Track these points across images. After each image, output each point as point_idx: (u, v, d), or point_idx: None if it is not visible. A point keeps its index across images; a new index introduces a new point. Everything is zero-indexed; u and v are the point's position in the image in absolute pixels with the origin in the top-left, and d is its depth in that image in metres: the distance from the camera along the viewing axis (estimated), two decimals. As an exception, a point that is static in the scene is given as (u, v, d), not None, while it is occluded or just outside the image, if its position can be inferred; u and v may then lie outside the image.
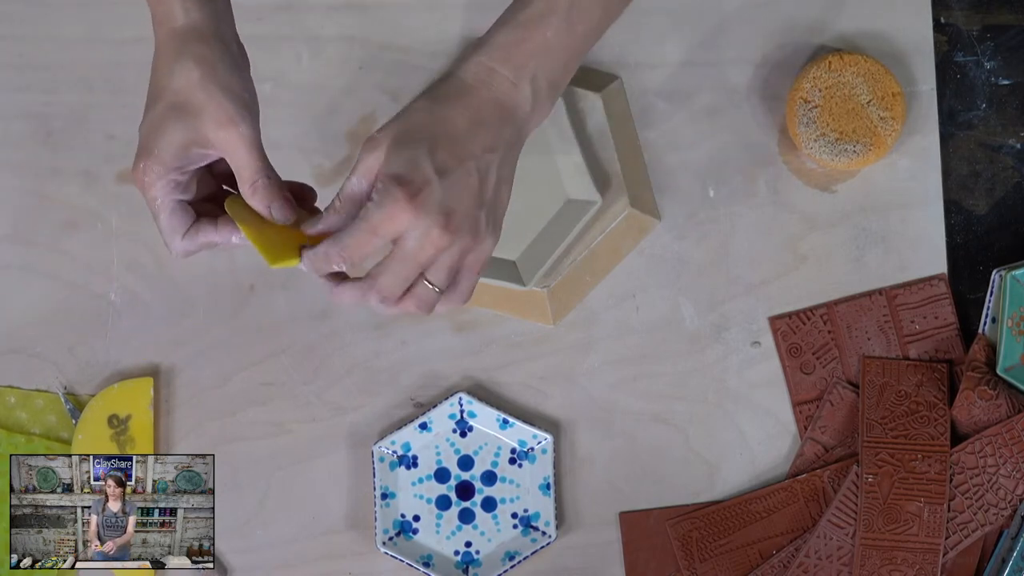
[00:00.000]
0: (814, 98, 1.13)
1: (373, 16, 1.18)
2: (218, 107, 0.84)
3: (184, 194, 0.88)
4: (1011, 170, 1.17)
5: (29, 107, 1.19)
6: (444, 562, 1.16)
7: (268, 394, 1.17)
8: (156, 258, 1.18)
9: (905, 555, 1.11)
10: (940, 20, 1.17)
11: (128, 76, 1.19)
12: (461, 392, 1.15)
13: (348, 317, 1.18)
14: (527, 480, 1.16)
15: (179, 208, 0.88)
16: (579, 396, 1.17)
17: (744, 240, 1.17)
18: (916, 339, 1.16)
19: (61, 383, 1.18)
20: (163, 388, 1.18)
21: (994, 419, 1.12)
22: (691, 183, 1.17)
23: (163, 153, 0.85)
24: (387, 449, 1.16)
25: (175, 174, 0.86)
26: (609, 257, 1.16)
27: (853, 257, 1.16)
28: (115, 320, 1.18)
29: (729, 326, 1.16)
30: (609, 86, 1.16)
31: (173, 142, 0.85)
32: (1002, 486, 1.12)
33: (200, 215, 0.89)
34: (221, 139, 0.85)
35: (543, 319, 1.16)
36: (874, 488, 1.12)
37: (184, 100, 0.85)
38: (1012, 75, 1.17)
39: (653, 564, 1.15)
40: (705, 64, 1.17)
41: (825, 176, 1.17)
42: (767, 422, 1.16)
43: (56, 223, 1.19)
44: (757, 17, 1.17)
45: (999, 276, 1.14)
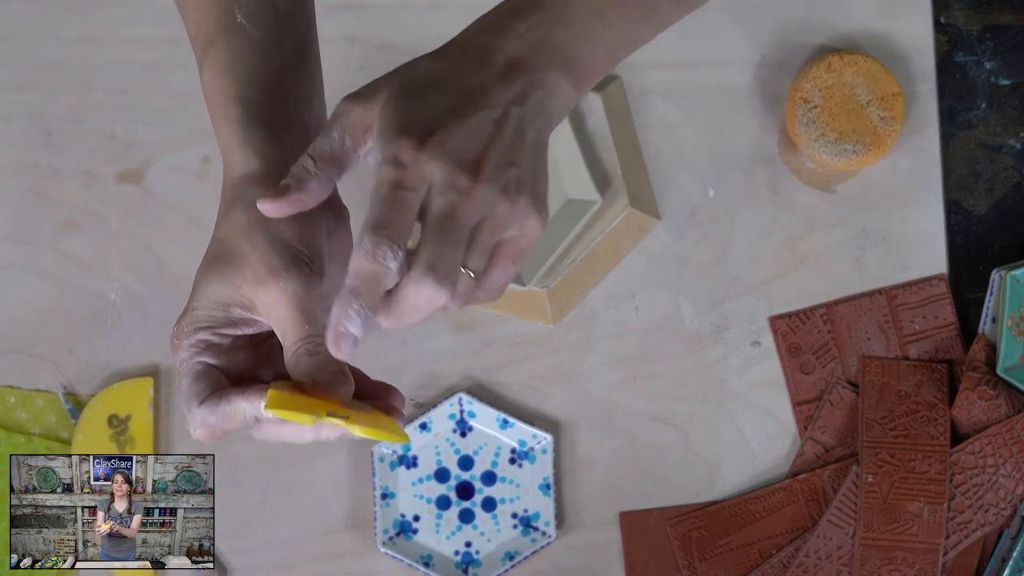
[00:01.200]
0: (814, 98, 1.13)
1: (373, 16, 1.18)
2: (260, 259, 0.70)
3: (216, 359, 0.72)
4: (1011, 170, 1.17)
5: (29, 107, 1.19)
6: (444, 562, 1.16)
7: (268, 394, 1.17)
8: (156, 258, 1.18)
9: (905, 555, 1.11)
10: (940, 20, 1.17)
11: (128, 76, 1.19)
12: (461, 392, 1.15)
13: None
14: (527, 480, 1.16)
15: (205, 372, 0.72)
16: (579, 396, 1.17)
17: (744, 240, 1.17)
18: (916, 339, 1.15)
19: (61, 383, 1.18)
20: (163, 388, 1.18)
21: (994, 419, 1.12)
22: (691, 183, 1.17)
23: (197, 309, 0.72)
24: (387, 449, 1.16)
25: (206, 333, 0.72)
26: (609, 257, 1.16)
27: (853, 257, 1.16)
28: (115, 320, 1.18)
29: (729, 326, 1.16)
30: (609, 86, 1.16)
31: (210, 297, 0.72)
32: (1002, 486, 1.12)
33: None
34: (261, 298, 0.70)
35: (543, 319, 1.16)
36: (874, 488, 1.11)
37: (226, 250, 0.71)
38: (1012, 75, 1.17)
39: (653, 564, 1.15)
40: (705, 64, 1.17)
41: (825, 176, 1.17)
42: (767, 422, 1.16)
43: (56, 223, 1.19)
44: (757, 17, 1.17)
45: (999, 276, 1.14)
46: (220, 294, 0.71)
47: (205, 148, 1.18)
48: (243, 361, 0.73)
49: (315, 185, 0.69)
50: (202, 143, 1.18)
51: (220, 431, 0.71)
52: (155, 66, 1.19)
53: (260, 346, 0.74)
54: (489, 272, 0.70)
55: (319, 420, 0.67)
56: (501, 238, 0.69)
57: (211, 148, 1.16)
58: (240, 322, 0.72)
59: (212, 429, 0.71)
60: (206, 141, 1.18)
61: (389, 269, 0.65)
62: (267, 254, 0.70)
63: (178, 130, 1.19)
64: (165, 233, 1.18)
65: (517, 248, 0.70)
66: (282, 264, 0.70)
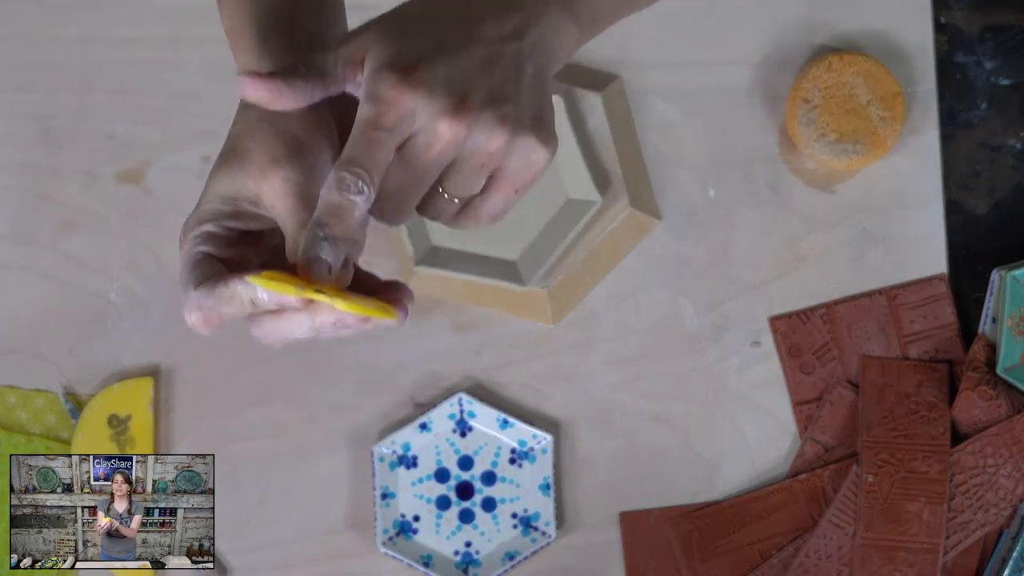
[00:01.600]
0: (814, 98, 1.13)
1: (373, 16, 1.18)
2: (264, 149, 0.71)
3: (217, 250, 0.71)
4: (1011, 170, 1.17)
5: (29, 107, 1.19)
6: (444, 562, 1.16)
7: (268, 394, 1.17)
8: (156, 258, 1.18)
9: (905, 555, 1.11)
10: (940, 20, 1.17)
11: (128, 76, 1.19)
12: (461, 392, 1.15)
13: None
14: (527, 480, 1.16)
15: (204, 259, 0.71)
16: (579, 396, 1.17)
17: (744, 240, 1.17)
18: (916, 339, 1.15)
19: (61, 383, 1.18)
20: (163, 388, 1.18)
21: (994, 419, 1.12)
22: (691, 183, 1.17)
23: (204, 204, 0.72)
24: (387, 449, 1.16)
25: (210, 225, 0.72)
26: (609, 257, 1.16)
27: (853, 257, 1.16)
28: (115, 320, 1.18)
29: (729, 326, 1.16)
30: (609, 86, 1.16)
31: (217, 192, 0.72)
32: (1002, 486, 1.12)
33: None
34: (264, 189, 0.71)
35: (543, 319, 1.16)
36: (874, 488, 1.11)
37: (235, 146, 0.72)
38: (1012, 75, 1.17)
39: (653, 564, 1.15)
40: (705, 64, 1.17)
41: (825, 176, 1.17)
42: (767, 422, 1.16)
43: (56, 223, 1.19)
44: (757, 17, 1.17)
45: (999, 276, 1.14)
46: (227, 188, 0.71)
47: (205, 148, 1.18)
48: (244, 257, 0.72)
49: (301, 85, 0.68)
50: (202, 143, 1.18)
51: (215, 316, 0.69)
52: (155, 66, 1.19)
53: (262, 244, 0.73)
54: (487, 197, 0.70)
55: (303, 294, 0.66)
56: (502, 167, 0.69)
57: (211, 148, 1.15)
58: (245, 216, 0.72)
59: (206, 313, 0.69)
60: (206, 141, 1.18)
61: (355, 203, 0.66)
62: (271, 144, 0.70)
63: (178, 130, 1.19)
64: (165, 233, 1.18)
65: (521, 179, 0.69)
66: (284, 153, 0.70)
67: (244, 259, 0.72)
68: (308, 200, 0.70)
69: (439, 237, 1.14)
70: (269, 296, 0.67)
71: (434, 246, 1.14)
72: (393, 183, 0.68)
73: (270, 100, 0.69)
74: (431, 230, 1.14)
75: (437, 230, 1.14)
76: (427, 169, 0.68)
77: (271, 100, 0.69)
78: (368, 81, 0.67)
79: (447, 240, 1.14)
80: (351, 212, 0.67)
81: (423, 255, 1.13)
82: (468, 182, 0.69)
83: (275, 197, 0.70)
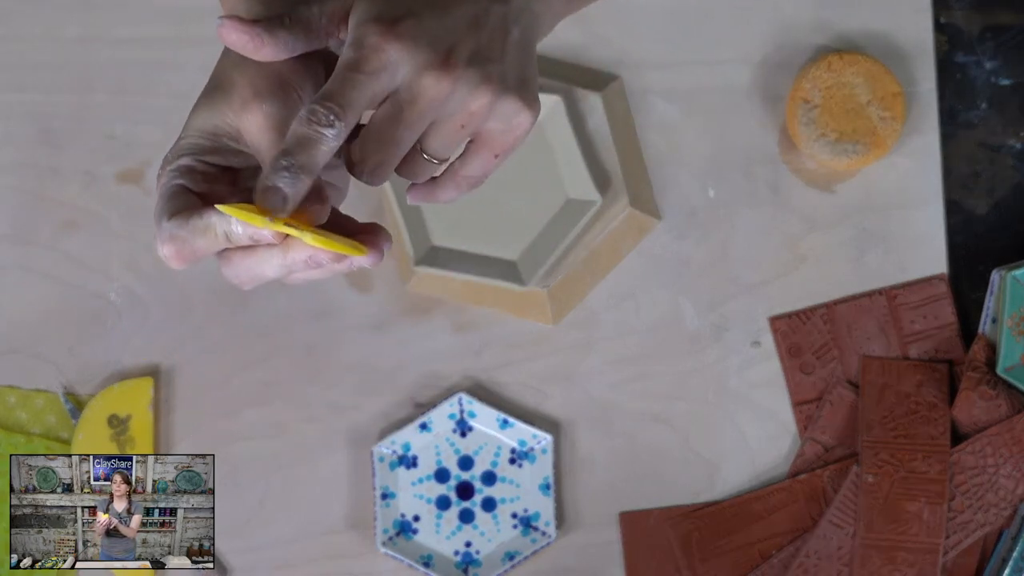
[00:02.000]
0: (814, 98, 1.13)
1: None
2: (247, 83, 0.69)
3: (194, 184, 0.70)
4: (1011, 170, 1.17)
5: (29, 107, 1.19)
6: (444, 562, 1.16)
7: (268, 394, 1.17)
8: (156, 258, 1.18)
9: (905, 555, 1.11)
10: (940, 20, 1.17)
11: (128, 76, 1.19)
12: (461, 392, 1.15)
13: (348, 317, 1.17)
14: (527, 480, 1.16)
15: (180, 192, 0.69)
16: (579, 396, 1.17)
17: (744, 240, 1.17)
18: (916, 339, 1.15)
19: (61, 383, 1.18)
20: (163, 388, 1.18)
21: (994, 419, 1.12)
22: (691, 183, 1.17)
23: (184, 139, 0.71)
24: (387, 449, 1.16)
25: (188, 159, 0.70)
26: (609, 257, 1.16)
27: (853, 257, 1.16)
28: (115, 320, 1.18)
29: (729, 326, 1.16)
30: (609, 86, 1.16)
31: (197, 127, 0.71)
32: (1002, 486, 1.12)
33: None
34: (245, 123, 0.69)
35: (543, 319, 1.16)
36: (874, 488, 1.11)
37: (219, 81, 0.70)
38: (1012, 75, 1.17)
39: (653, 564, 1.15)
40: (705, 64, 1.17)
41: (825, 176, 1.17)
42: (767, 422, 1.16)
43: (56, 223, 1.19)
44: (757, 17, 1.17)
45: (999, 276, 1.14)
46: (207, 123, 0.70)
47: (205, 148, 1.18)
48: (221, 194, 0.70)
49: (283, 36, 0.68)
50: (202, 143, 1.18)
51: (188, 250, 0.67)
52: (155, 66, 1.19)
53: (240, 182, 0.72)
54: (467, 160, 0.70)
55: (272, 225, 0.65)
56: (483, 129, 0.68)
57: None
58: (225, 151, 0.70)
59: (179, 245, 0.67)
60: (206, 141, 1.18)
61: (323, 135, 0.65)
62: (254, 79, 0.69)
63: (178, 130, 1.18)
64: (165, 233, 1.18)
65: (503, 142, 0.69)
66: (268, 88, 0.69)
67: (221, 196, 0.70)
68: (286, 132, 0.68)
69: (439, 237, 1.14)
70: (243, 229, 0.66)
71: (434, 246, 1.14)
72: (374, 139, 0.68)
73: (252, 48, 0.68)
74: (431, 230, 1.14)
75: (437, 230, 1.14)
76: (409, 125, 0.67)
77: (252, 48, 0.68)
78: (353, 31, 0.66)
79: (447, 240, 1.14)
80: (318, 144, 0.65)
81: (423, 255, 1.13)
82: (449, 142, 0.68)
83: (255, 131, 0.69)
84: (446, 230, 1.14)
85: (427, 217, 1.14)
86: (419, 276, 1.15)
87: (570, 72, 1.17)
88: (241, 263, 0.68)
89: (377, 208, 1.17)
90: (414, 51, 0.65)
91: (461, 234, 1.13)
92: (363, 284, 1.18)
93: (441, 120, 0.68)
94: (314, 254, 0.66)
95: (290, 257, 0.67)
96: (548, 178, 1.13)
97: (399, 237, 1.16)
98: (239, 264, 0.68)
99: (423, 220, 1.14)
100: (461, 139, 0.69)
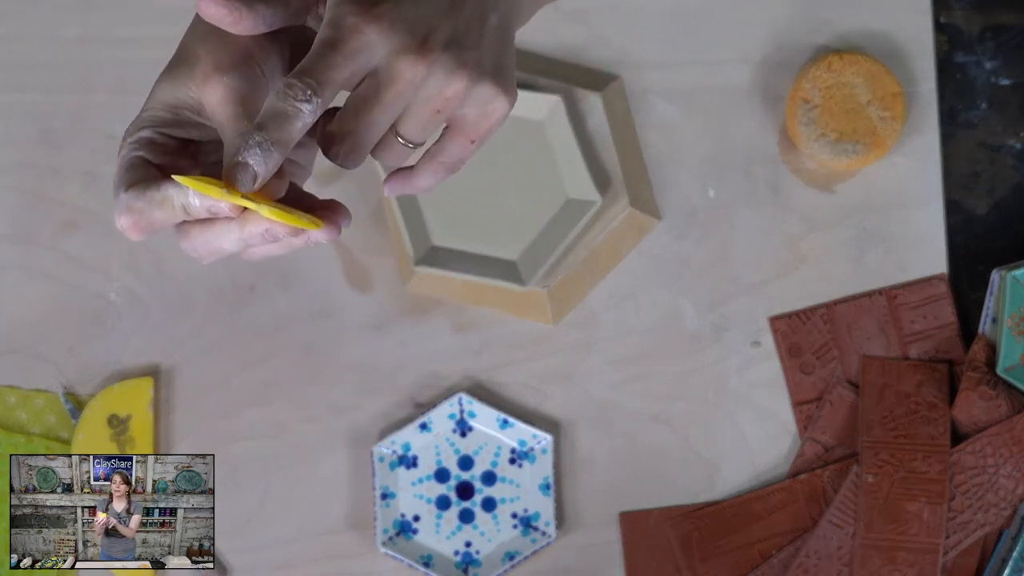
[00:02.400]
0: (814, 98, 1.13)
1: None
2: (210, 57, 0.69)
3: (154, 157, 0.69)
4: (1011, 170, 1.17)
5: (29, 107, 1.19)
6: (444, 562, 1.16)
7: (268, 394, 1.17)
8: (156, 258, 1.18)
9: (905, 555, 1.11)
10: (940, 20, 1.17)
11: (128, 76, 1.19)
12: (461, 392, 1.15)
13: (348, 317, 1.17)
14: (527, 480, 1.16)
15: (140, 164, 0.69)
16: (579, 396, 1.17)
17: (744, 240, 1.17)
18: (916, 339, 1.15)
19: (61, 383, 1.18)
20: (163, 388, 1.18)
21: (994, 419, 1.12)
22: (691, 183, 1.17)
23: (145, 111, 0.71)
24: (387, 449, 1.16)
25: (148, 131, 0.70)
26: (609, 257, 1.16)
27: (853, 257, 1.16)
28: (115, 320, 1.18)
29: (729, 326, 1.16)
30: (609, 86, 1.16)
31: (159, 99, 0.70)
32: (1002, 486, 1.12)
33: None
34: (207, 95, 0.69)
35: (543, 319, 1.16)
36: (874, 488, 1.11)
37: (183, 54, 0.70)
38: (1012, 75, 1.17)
39: (653, 564, 1.15)
40: (705, 64, 1.17)
41: (825, 176, 1.17)
42: (767, 422, 1.16)
43: (56, 223, 1.19)
44: (757, 17, 1.17)
45: (999, 276, 1.14)
46: (169, 95, 0.70)
47: (205, 148, 1.18)
48: (181, 167, 0.70)
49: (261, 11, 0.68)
50: (202, 143, 1.18)
51: (145, 221, 0.68)
52: (155, 66, 1.18)
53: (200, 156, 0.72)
54: (443, 146, 0.70)
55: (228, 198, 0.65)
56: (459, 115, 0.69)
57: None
58: (186, 124, 0.70)
59: (136, 217, 0.67)
60: (206, 141, 1.18)
61: (299, 110, 0.65)
62: (218, 52, 0.69)
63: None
64: (165, 233, 1.18)
65: (478, 128, 0.69)
66: (230, 61, 0.68)
67: (181, 169, 0.70)
68: (250, 110, 0.68)
69: (439, 237, 1.14)
70: (200, 201, 0.66)
71: (434, 246, 1.14)
72: (350, 120, 0.68)
73: (230, 22, 0.68)
74: (431, 230, 1.14)
75: (437, 230, 1.14)
76: (384, 108, 0.67)
77: (230, 22, 0.68)
78: (331, 9, 0.66)
79: (447, 240, 1.14)
80: (294, 120, 0.65)
81: (423, 255, 1.13)
82: (424, 126, 0.69)
83: (217, 104, 0.68)
84: (446, 230, 1.14)
85: (427, 217, 1.14)
86: (419, 276, 1.16)
87: (570, 72, 1.17)
88: (199, 236, 0.68)
89: (377, 208, 1.17)
90: (391, 34, 0.65)
91: (461, 234, 1.13)
92: (363, 284, 1.18)
93: (417, 104, 0.68)
94: (271, 227, 0.66)
95: (247, 230, 0.67)
96: (548, 178, 1.13)
97: (399, 237, 1.16)
98: (197, 238, 0.68)
99: (423, 220, 1.14)
100: (436, 124, 0.69)
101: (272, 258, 0.70)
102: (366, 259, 1.18)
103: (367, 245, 1.18)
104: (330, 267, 1.17)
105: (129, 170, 0.68)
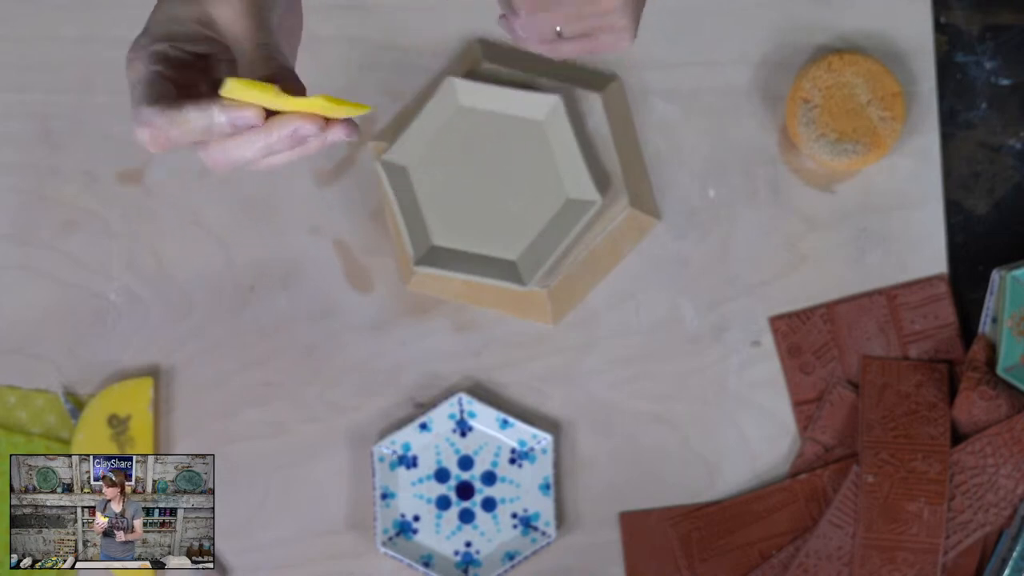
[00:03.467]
0: (814, 98, 1.13)
1: (373, 16, 1.18)
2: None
3: (171, 71, 0.70)
4: (1011, 170, 1.17)
5: (29, 107, 1.19)
6: (444, 562, 1.16)
7: (268, 394, 1.17)
8: (156, 258, 1.18)
9: (905, 555, 1.11)
10: (940, 20, 1.17)
11: (128, 76, 1.19)
12: (461, 392, 1.15)
13: (348, 318, 1.17)
14: (527, 480, 1.16)
15: (160, 81, 0.70)
16: (579, 396, 1.17)
17: (744, 240, 1.17)
18: (916, 339, 1.16)
19: (61, 383, 1.18)
20: (163, 388, 1.18)
21: (994, 419, 1.12)
22: (691, 183, 1.17)
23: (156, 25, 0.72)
24: (387, 449, 1.16)
25: (163, 45, 0.71)
26: (609, 257, 1.16)
27: (853, 257, 1.16)
28: (115, 320, 1.18)
29: (729, 326, 1.16)
30: (609, 86, 1.16)
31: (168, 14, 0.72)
32: (1002, 486, 1.12)
33: None
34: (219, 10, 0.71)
35: (543, 319, 1.17)
36: (874, 488, 1.12)
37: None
38: (1012, 75, 1.17)
39: (653, 564, 1.15)
40: (705, 64, 1.17)
41: (825, 176, 1.17)
42: (767, 422, 1.16)
43: (56, 223, 1.19)
44: (757, 17, 1.17)
45: (999, 276, 1.14)
46: (180, 11, 0.71)
47: (205, 148, 1.18)
48: (193, 81, 0.71)
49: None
50: (202, 143, 1.18)
51: (164, 137, 0.69)
52: (155, 66, 1.19)
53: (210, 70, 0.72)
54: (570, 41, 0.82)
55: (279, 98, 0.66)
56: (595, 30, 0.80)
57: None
58: (197, 38, 0.71)
59: (156, 132, 0.69)
60: (206, 141, 1.18)
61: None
62: None
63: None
64: (165, 233, 1.18)
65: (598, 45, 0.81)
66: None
67: (193, 83, 0.70)
68: (263, 20, 0.70)
69: (439, 237, 1.14)
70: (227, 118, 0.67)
71: (434, 246, 1.14)
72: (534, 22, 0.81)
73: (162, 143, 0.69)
74: (431, 230, 1.14)
75: (437, 230, 1.14)
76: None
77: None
78: None
79: (447, 240, 1.14)
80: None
81: (423, 255, 1.13)
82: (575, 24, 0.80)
83: (230, 20, 0.70)
84: (446, 230, 1.14)
85: (427, 217, 1.14)
86: (419, 276, 1.16)
87: (570, 72, 1.17)
88: (220, 150, 0.69)
89: (377, 208, 1.17)
90: None
91: (461, 234, 1.13)
92: (363, 284, 1.18)
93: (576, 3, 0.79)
94: (299, 127, 0.68)
95: (275, 134, 0.68)
96: (548, 178, 1.13)
97: (399, 237, 1.16)
98: (216, 148, 0.69)
99: (423, 220, 1.14)
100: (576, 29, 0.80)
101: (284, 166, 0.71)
102: (366, 259, 1.18)
103: (367, 245, 1.18)
104: (330, 267, 1.18)
105: (150, 84, 0.69)
